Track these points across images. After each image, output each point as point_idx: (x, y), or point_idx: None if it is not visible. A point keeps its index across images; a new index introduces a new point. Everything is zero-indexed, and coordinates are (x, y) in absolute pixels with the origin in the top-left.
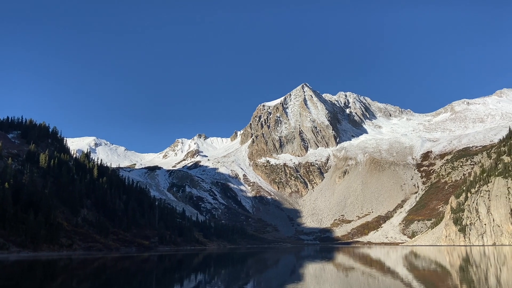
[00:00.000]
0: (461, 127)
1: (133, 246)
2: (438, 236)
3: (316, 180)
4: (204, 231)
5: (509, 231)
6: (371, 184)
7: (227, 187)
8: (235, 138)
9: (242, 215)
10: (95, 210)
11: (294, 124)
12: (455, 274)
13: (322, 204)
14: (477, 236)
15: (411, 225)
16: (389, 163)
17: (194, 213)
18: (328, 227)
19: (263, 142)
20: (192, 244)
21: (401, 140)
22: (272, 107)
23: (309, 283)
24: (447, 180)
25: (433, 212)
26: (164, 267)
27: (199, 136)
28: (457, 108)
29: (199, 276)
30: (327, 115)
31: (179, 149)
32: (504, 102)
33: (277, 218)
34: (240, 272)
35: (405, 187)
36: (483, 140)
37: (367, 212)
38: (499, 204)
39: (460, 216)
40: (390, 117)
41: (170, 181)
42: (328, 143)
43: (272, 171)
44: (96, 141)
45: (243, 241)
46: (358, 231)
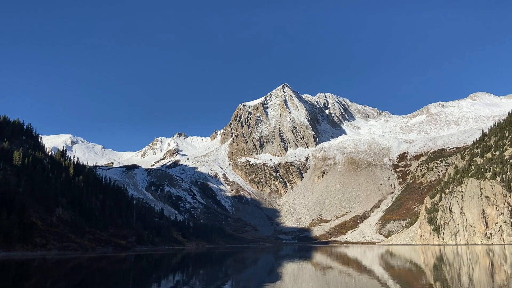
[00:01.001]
0: (436, 129)
1: (109, 246)
2: (413, 236)
3: (296, 180)
4: (183, 231)
5: (481, 231)
6: (349, 184)
7: (206, 186)
8: (215, 137)
9: (222, 214)
10: (71, 209)
11: (274, 124)
12: (429, 273)
13: (301, 203)
14: (450, 236)
15: (387, 224)
16: (366, 163)
17: (173, 212)
18: (306, 227)
19: (243, 142)
20: (170, 244)
21: (379, 141)
22: (253, 107)
23: (287, 282)
24: (422, 180)
25: (409, 212)
26: (141, 267)
27: (178, 135)
28: (432, 110)
29: (177, 276)
30: (307, 115)
31: (158, 147)
32: (478, 105)
33: (256, 218)
34: (219, 271)
35: (382, 187)
36: (457, 142)
37: (345, 211)
38: (471, 205)
39: (435, 216)
40: (368, 118)
41: (148, 180)
42: (307, 144)
43: (251, 171)
44: (72, 139)
45: (222, 240)
46: (336, 231)
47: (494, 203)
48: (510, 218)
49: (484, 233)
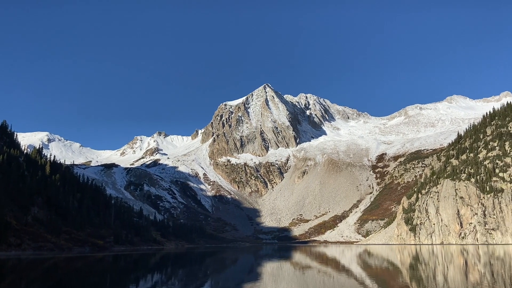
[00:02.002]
0: (413, 130)
1: (86, 246)
2: (390, 235)
3: (276, 180)
4: (162, 231)
5: (456, 231)
6: (329, 184)
7: (186, 186)
8: (196, 136)
9: (202, 214)
10: (47, 208)
11: (255, 124)
12: (405, 272)
13: (281, 203)
14: (426, 235)
15: (366, 224)
16: (346, 164)
17: (152, 212)
18: (286, 227)
19: (224, 141)
20: (149, 244)
21: (358, 142)
22: (234, 106)
23: (267, 281)
24: (400, 181)
25: (386, 212)
26: (119, 268)
27: (159, 134)
28: (410, 112)
29: (156, 276)
30: (288, 116)
31: (137, 146)
32: (454, 108)
33: (237, 218)
34: (198, 271)
35: (360, 187)
36: (434, 144)
37: (325, 211)
38: (447, 205)
39: (411, 216)
40: (348, 119)
41: (127, 179)
42: (288, 144)
43: (232, 171)
44: (49, 137)
45: (202, 240)
46: (315, 230)
47: (468, 204)
48: (483, 219)
49: (458, 233)
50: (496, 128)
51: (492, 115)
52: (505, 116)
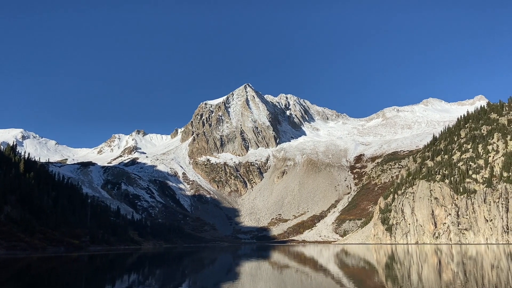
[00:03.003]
0: (391, 132)
1: (61, 246)
2: (367, 235)
3: (256, 179)
4: (140, 230)
5: (430, 231)
6: (308, 184)
7: (165, 185)
8: (176, 135)
9: (180, 213)
10: (20, 207)
11: (235, 123)
12: (381, 271)
13: (260, 203)
14: (402, 235)
15: (343, 224)
16: (325, 164)
17: (130, 211)
18: (265, 226)
19: (204, 141)
20: (126, 244)
21: (337, 143)
22: (214, 105)
23: (245, 281)
24: (377, 182)
25: (364, 212)
26: (95, 268)
27: (137, 132)
28: (388, 114)
29: (133, 276)
30: (268, 116)
31: (115, 145)
32: (430, 110)
33: (216, 217)
34: (176, 271)
35: (339, 187)
36: (410, 145)
37: (303, 211)
38: (422, 205)
39: (387, 216)
40: (327, 120)
41: (104, 178)
42: (268, 144)
43: (212, 170)
44: (23, 134)
45: (180, 240)
46: (294, 230)
47: (442, 204)
48: (457, 219)
49: (433, 232)
50: (469, 131)
51: (466, 118)
52: (478, 119)
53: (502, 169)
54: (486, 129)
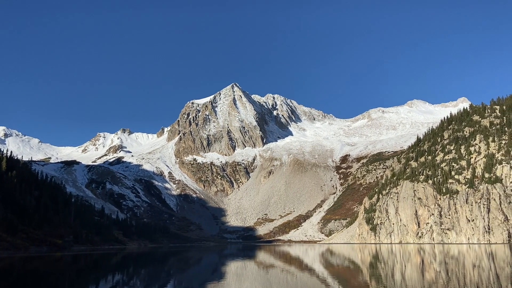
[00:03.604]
0: (376, 133)
1: (44, 246)
2: (352, 235)
3: (242, 179)
4: (125, 230)
5: (413, 230)
6: (294, 184)
7: (151, 184)
8: (162, 134)
9: (166, 213)
10: (2, 206)
11: (222, 123)
12: (365, 270)
13: (246, 203)
14: (386, 235)
15: (329, 224)
16: (311, 164)
17: (115, 211)
18: (251, 226)
19: (190, 140)
20: (110, 243)
21: (323, 143)
22: (201, 105)
23: (230, 281)
24: (362, 182)
25: (349, 212)
26: (78, 268)
27: (123, 131)
28: (373, 115)
29: (117, 277)
30: (255, 116)
31: (100, 143)
32: (414, 112)
33: (202, 217)
34: (161, 271)
35: (324, 187)
36: (395, 146)
37: (289, 211)
38: (406, 205)
39: (372, 216)
40: (314, 120)
41: (89, 177)
42: (255, 144)
43: (198, 170)
44: (6, 131)
45: (166, 240)
46: (280, 230)
47: (426, 204)
48: (439, 219)
49: (416, 232)
50: (452, 132)
51: (449, 120)
52: (461, 121)
53: (483, 170)
54: (469, 130)
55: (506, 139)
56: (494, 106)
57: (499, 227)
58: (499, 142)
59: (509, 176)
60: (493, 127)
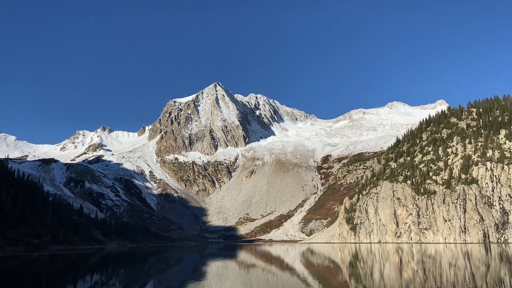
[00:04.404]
0: (357, 134)
1: (20, 245)
2: (332, 234)
3: (224, 179)
4: (104, 230)
5: (392, 230)
6: (276, 184)
7: (131, 183)
8: (143, 133)
9: (146, 213)
10: None
11: (205, 122)
12: (345, 269)
13: (228, 202)
14: (365, 234)
15: (310, 223)
16: (293, 164)
17: (94, 210)
18: (233, 226)
19: (172, 139)
20: (89, 243)
21: (305, 143)
22: (184, 103)
23: (211, 280)
24: (342, 182)
25: (329, 211)
26: (55, 268)
27: (103, 129)
28: (354, 116)
29: (95, 277)
30: (238, 115)
31: (80, 141)
32: (394, 113)
33: (183, 216)
34: (141, 271)
35: (306, 187)
36: (375, 147)
37: (271, 211)
38: (385, 205)
39: (352, 216)
40: (296, 121)
41: (67, 176)
42: (237, 143)
43: (180, 169)
44: None
45: (146, 239)
46: (261, 229)
47: (404, 205)
48: (417, 219)
49: (395, 232)
50: (431, 134)
51: (428, 122)
52: (439, 123)
53: (460, 171)
54: (446, 132)
55: (482, 141)
56: (471, 108)
57: (474, 227)
58: (476, 144)
59: (484, 177)
60: (470, 129)
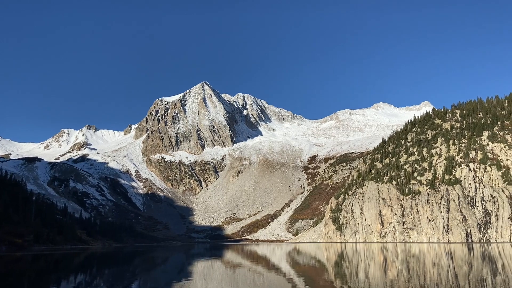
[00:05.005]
0: (343, 134)
1: (3, 245)
2: (318, 234)
3: (211, 178)
4: (88, 229)
5: (377, 230)
6: (263, 184)
7: (117, 183)
8: (129, 132)
9: (132, 212)
10: None
11: (192, 121)
12: (330, 269)
13: (215, 202)
14: (351, 234)
15: (296, 223)
16: (280, 164)
17: (78, 209)
18: (219, 225)
19: (158, 138)
20: (73, 243)
21: (292, 143)
22: (170, 103)
23: (197, 280)
24: (329, 182)
25: (316, 211)
26: (38, 268)
27: (88, 128)
28: (341, 117)
29: (79, 277)
30: (225, 115)
31: (64, 140)
32: (380, 114)
33: (169, 216)
34: (126, 271)
35: (292, 187)
36: (361, 147)
37: (257, 210)
38: (370, 205)
39: (338, 216)
40: (283, 121)
41: (51, 175)
42: (224, 143)
43: (166, 168)
44: None
45: (131, 239)
46: (248, 229)
47: (389, 205)
48: (402, 219)
49: (380, 231)
50: (416, 135)
51: (413, 123)
52: (424, 124)
53: (444, 172)
54: (431, 133)
55: (466, 142)
56: (455, 110)
57: (457, 227)
58: (459, 145)
59: (467, 178)
60: (454, 130)
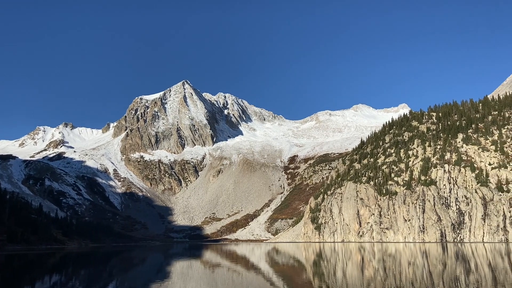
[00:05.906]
0: (323, 135)
1: None
2: (297, 234)
3: (191, 178)
4: (64, 229)
5: (355, 230)
6: (243, 183)
7: (94, 182)
8: (107, 130)
9: (110, 212)
10: None
11: (172, 120)
12: (309, 268)
13: (194, 202)
14: (329, 234)
15: (275, 223)
16: (260, 164)
17: (54, 209)
18: (199, 225)
19: (138, 137)
20: (48, 243)
21: (272, 143)
22: (150, 101)
23: (175, 280)
24: (308, 182)
25: (295, 211)
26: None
27: (65, 125)
28: (321, 118)
29: (54, 277)
30: (206, 114)
31: (40, 137)
32: (359, 116)
33: (148, 216)
34: (102, 271)
35: (273, 187)
36: (340, 148)
37: (237, 210)
38: (349, 205)
39: (317, 216)
40: (264, 121)
41: (26, 173)
42: (205, 142)
43: (145, 167)
44: None
45: (109, 239)
46: (228, 229)
47: (367, 205)
48: (379, 219)
49: (357, 231)
50: (393, 137)
51: (390, 125)
52: (401, 126)
53: (420, 173)
54: (408, 135)
55: (441, 144)
56: (431, 112)
57: (432, 227)
58: (435, 147)
59: (442, 179)
60: (430, 132)
